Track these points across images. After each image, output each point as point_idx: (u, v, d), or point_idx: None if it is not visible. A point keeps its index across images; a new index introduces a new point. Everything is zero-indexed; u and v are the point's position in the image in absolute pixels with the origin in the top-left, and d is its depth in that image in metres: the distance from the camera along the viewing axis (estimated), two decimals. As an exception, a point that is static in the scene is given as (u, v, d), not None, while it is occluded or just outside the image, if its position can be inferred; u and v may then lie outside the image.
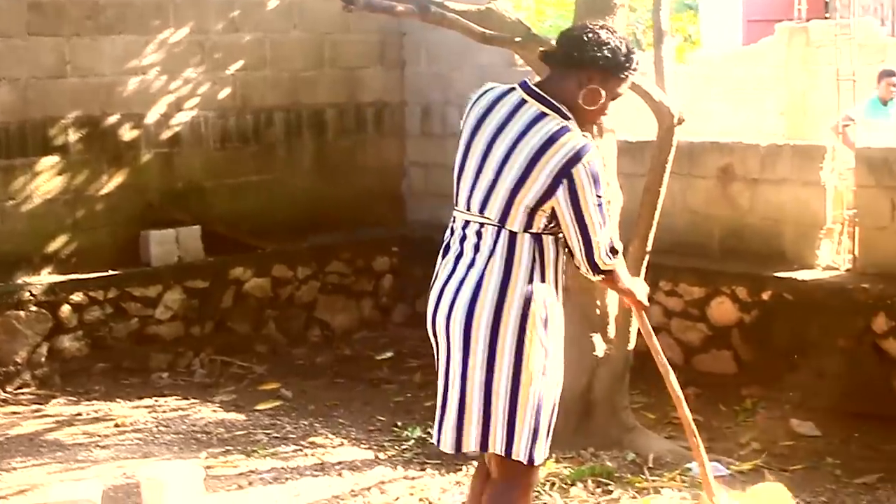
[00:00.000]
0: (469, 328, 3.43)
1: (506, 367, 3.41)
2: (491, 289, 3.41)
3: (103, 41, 7.88)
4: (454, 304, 3.47)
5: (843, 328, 6.37)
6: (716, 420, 6.43)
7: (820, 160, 6.77)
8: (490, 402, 3.44)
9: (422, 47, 9.13)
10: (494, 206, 3.42)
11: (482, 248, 3.46)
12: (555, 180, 3.32)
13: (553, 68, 3.53)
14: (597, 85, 3.44)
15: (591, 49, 3.43)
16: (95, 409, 6.86)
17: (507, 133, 3.42)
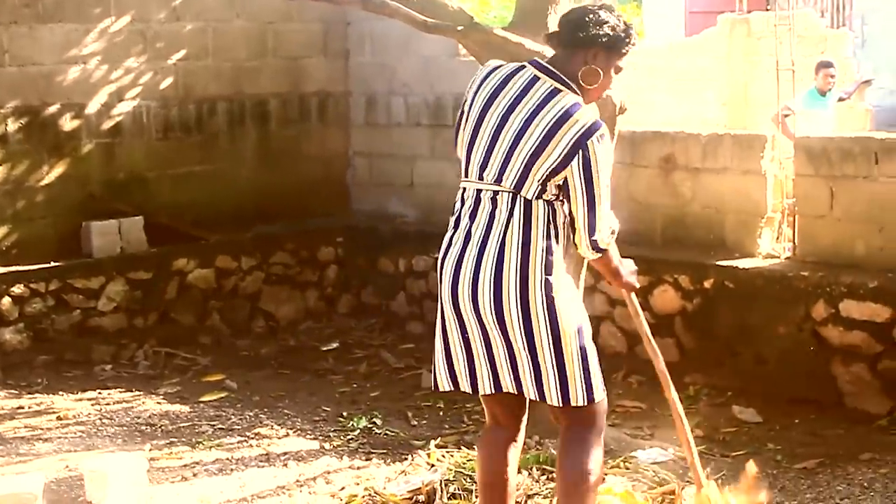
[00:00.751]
0: (500, 294, 3.60)
1: (543, 325, 3.59)
2: (514, 252, 3.60)
3: (42, 30, 7.79)
4: (479, 271, 3.63)
5: (784, 315, 6.45)
6: (659, 408, 6.45)
7: (760, 149, 6.84)
8: (537, 360, 3.62)
9: (366, 37, 9.11)
10: (511, 175, 3.61)
11: (498, 214, 3.64)
12: (570, 151, 3.54)
13: (558, 49, 3.74)
14: (601, 62, 3.67)
15: (594, 28, 3.66)
16: (38, 402, 6.79)
17: (522, 107, 3.61)
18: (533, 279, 3.59)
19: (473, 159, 3.70)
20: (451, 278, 3.69)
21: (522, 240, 3.60)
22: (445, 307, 3.74)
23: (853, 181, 6.44)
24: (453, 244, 3.72)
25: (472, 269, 3.64)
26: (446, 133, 8.54)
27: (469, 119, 3.73)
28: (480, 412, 6.32)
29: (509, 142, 3.60)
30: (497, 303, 3.61)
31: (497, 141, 3.63)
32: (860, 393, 6.18)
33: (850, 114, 12.08)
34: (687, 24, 18.49)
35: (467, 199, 3.72)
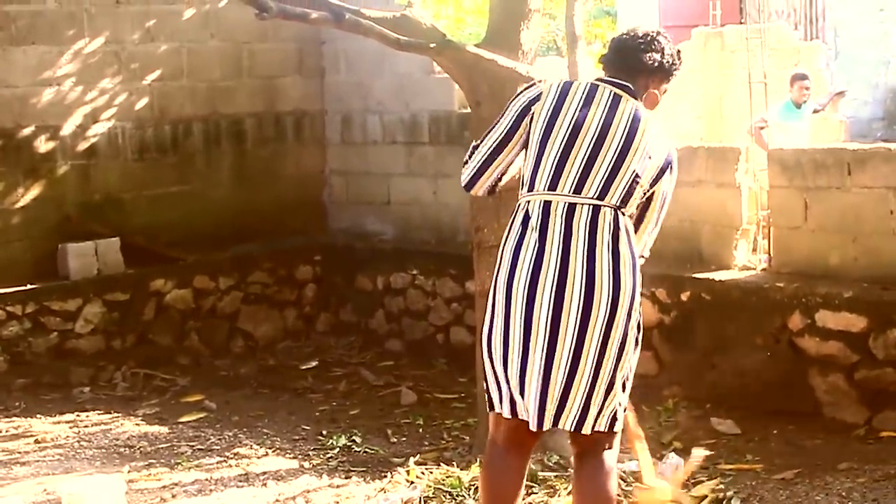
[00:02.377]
0: (589, 308, 3.55)
1: (617, 339, 3.58)
2: (628, 272, 3.61)
3: (15, 52, 7.78)
4: (592, 290, 3.55)
5: (761, 327, 6.48)
6: (638, 420, 6.47)
7: (735, 162, 6.88)
8: (596, 380, 3.58)
9: (341, 56, 9.13)
10: (616, 192, 3.63)
11: (601, 231, 3.61)
12: (664, 167, 3.71)
13: (616, 72, 3.80)
14: (656, 86, 3.82)
15: (657, 54, 3.79)
16: (15, 425, 6.74)
17: (617, 126, 3.67)
18: (624, 294, 3.59)
19: (566, 173, 3.64)
20: (554, 294, 3.57)
21: (632, 258, 3.65)
22: (513, 324, 3.61)
23: (827, 192, 6.48)
24: (546, 259, 3.59)
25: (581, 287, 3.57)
26: (422, 150, 8.57)
27: (554, 134, 3.68)
28: (460, 429, 6.36)
29: (612, 160, 3.63)
30: (610, 320, 3.56)
31: (597, 158, 3.63)
32: (838, 403, 6.21)
33: (824, 125, 12.15)
34: (661, 38, 18.58)
35: (555, 213, 3.62)
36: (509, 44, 5.45)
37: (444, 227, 8.39)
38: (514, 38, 5.50)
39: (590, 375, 3.56)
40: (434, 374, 7.79)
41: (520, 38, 5.51)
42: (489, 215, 5.63)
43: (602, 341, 3.56)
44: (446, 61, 5.62)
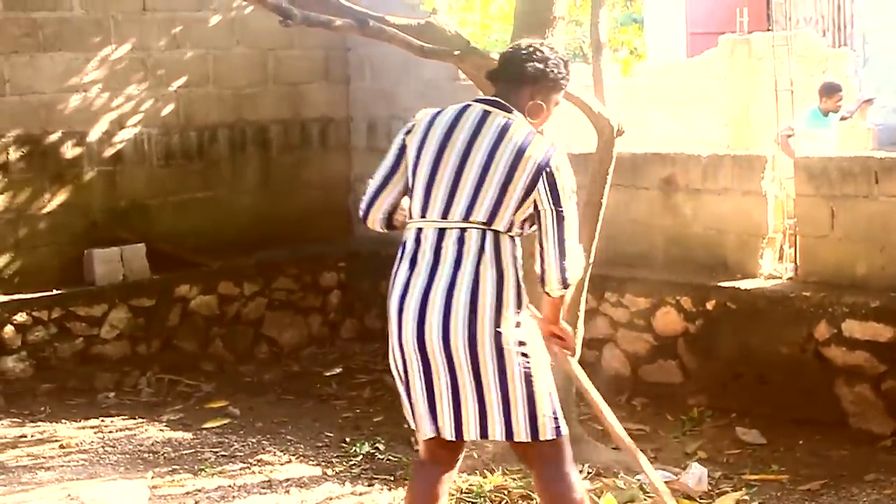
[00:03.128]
0: (474, 331, 3.59)
1: (516, 362, 3.61)
2: (488, 289, 3.59)
3: (42, 59, 7.82)
4: (450, 311, 3.60)
5: (786, 336, 6.44)
6: (663, 430, 6.47)
7: (761, 170, 6.84)
8: (508, 397, 3.63)
9: (366, 62, 9.14)
10: (481, 209, 3.61)
11: (467, 251, 3.62)
12: (537, 173, 3.59)
13: (500, 85, 3.80)
14: (542, 98, 3.75)
15: (539, 64, 3.74)
16: (40, 430, 6.78)
17: (481, 141, 3.66)
18: (507, 315, 3.61)
19: (435, 198, 3.68)
20: (416, 320, 3.64)
21: (497, 276, 3.61)
22: (406, 350, 3.69)
23: (854, 201, 6.44)
24: (412, 286, 3.67)
25: (441, 309, 3.61)
26: (447, 157, 8.55)
27: (420, 162, 3.73)
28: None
29: (475, 177, 3.63)
30: (472, 340, 3.59)
31: (460, 179, 3.64)
32: (864, 413, 6.16)
33: (852, 133, 12.09)
34: (688, 45, 18.54)
35: (425, 239, 3.69)
36: (534, 51, 5.43)
37: (468, 234, 8.37)
38: (538, 45, 5.49)
39: (497, 388, 3.62)
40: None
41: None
42: (513, 223, 5.62)
43: (497, 357, 3.60)
44: (470, 68, 5.60)
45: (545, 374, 3.69)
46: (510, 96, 3.74)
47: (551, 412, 3.68)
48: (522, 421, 3.65)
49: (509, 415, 3.64)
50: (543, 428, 3.67)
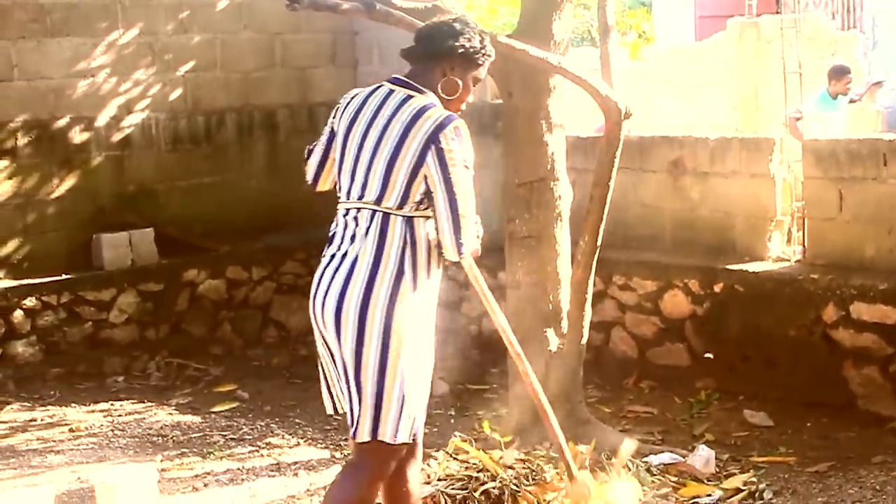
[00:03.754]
0: (340, 312, 3.55)
1: (373, 351, 3.51)
2: (363, 270, 3.55)
3: (50, 44, 7.83)
4: (329, 290, 3.59)
5: (794, 319, 6.43)
6: (670, 412, 6.48)
7: (769, 153, 6.82)
8: (361, 389, 3.54)
9: (374, 46, 9.13)
10: (373, 186, 3.58)
11: (358, 233, 3.61)
12: (425, 146, 3.51)
13: (415, 63, 3.76)
14: (458, 73, 3.69)
15: (450, 40, 3.69)
16: (50, 414, 6.81)
17: (378, 120, 3.64)
18: (374, 302, 3.52)
19: (343, 179, 3.70)
20: (313, 298, 3.66)
21: (373, 259, 3.55)
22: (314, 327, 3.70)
23: (862, 183, 6.42)
24: (324, 266, 3.68)
25: (325, 288, 3.61)
26: (455, 141, 8.54)
27: (336, 144, 3.75)
28: (492, 419, 6.35)
29: (369, 155, 3.60)
30: (338, 323, 3.55)
31: (359, 158, 3.63)
32: (872, 395, 6.15)
33: (861, 116, 12.05)
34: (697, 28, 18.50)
35: (339, 221, 3.71)
36: (542, 34, 5.44)
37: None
38: (546, 28, 5.50)
39: (353, 377, 3.56)
40: (466, 364, 7.78)
41: (552, 28, 5.51)
42: (521, 206, 5.64)
43: (355, 349, 3.53)
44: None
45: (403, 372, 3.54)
46: (420, 74, 3.70)
47: (396, 414, 3.54)
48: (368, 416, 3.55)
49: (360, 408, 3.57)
50: (384, 428, 3.55)
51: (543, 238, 5.63)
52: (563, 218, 5.68)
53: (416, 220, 3.60)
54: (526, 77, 5.54)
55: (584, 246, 5.41)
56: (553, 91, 5.60)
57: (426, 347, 3.65)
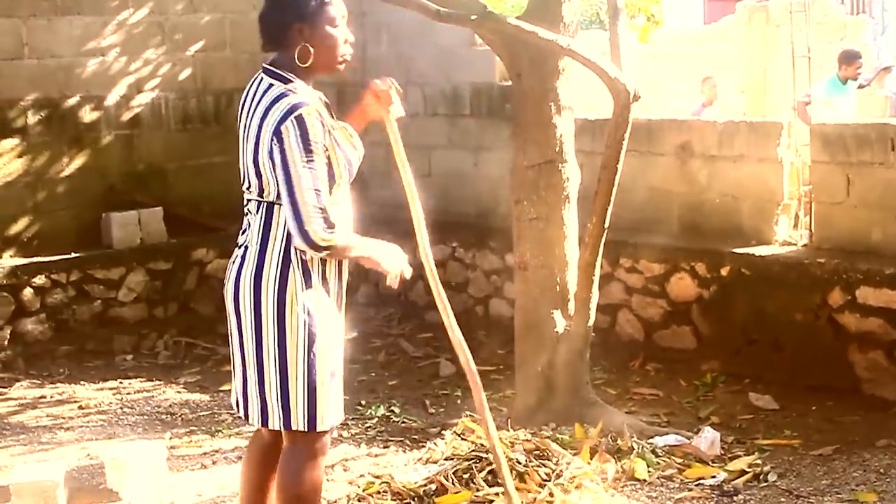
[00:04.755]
0: (237, 303, 3.57)
1: (272, 340, 3.51)
2: (251, 260, 3.56)
3: (60, 22, 7.84)
4: (227, 281, 3.63)
5: (800, 302, 6.45)
6: (676, 395, 6.50)
7: (776, 137, 6.83)
8: (263, 378, 3.55)
9: (382, 28, 9.12)
10: (249, 178, 3.58)
11: (252, 223, 3.62)
12: (271, 140, 3.44)
13: (272, 50, 3.65)
14: (308, 34, 3.55)
15: (280, 11, 3.58)
16: (59, 391, 6.86)
17: (249, 112, 3.57)
18: (265, 292, 3.51)
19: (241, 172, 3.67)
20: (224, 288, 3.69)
21: (259, 248, 3.54)
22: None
23: (869, 168, 6.43)
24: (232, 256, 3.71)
25: (226, 278, 3.64)
26: (464, 123, 8.57)
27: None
28: (498, 400, 6.39)
29: (243, 147, 3.58)
30: (237, 313, 3.57)
31: (243, 151, 3.59)
32: (877, 380, 6.18)
33: (870, 101, 12.05)
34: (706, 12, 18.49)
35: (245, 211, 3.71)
36: (551, 16, 5.45)
37: (484, 199, 8.40)
38: (555, 10, 5.50)
39: (255, 369, 3.56)
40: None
41: (561, 10, 5.51)
42: (529, 188, 5.65)
43: (255, 338, 3.53)
44: (487, 33, 5.63)
45: (306, 358, 3.51)
46: (279, 58, 3.60)
47: (304, 402, 3.52)
48: (276, 406, 3.55)
49: (265, 398, 3.57)
50: (295, 417, 3.53)
51: (551, 220, 5.64)
52: (571, 200, 5.69)
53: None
54: (535, 59, 5.55)
55: (591, 228, 5.42)
56: (562, 73, 5.61)
57: (329, 336, 3.58)
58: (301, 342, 3.51)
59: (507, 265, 7.73)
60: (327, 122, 3.55)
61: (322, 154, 3.46)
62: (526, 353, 5.76)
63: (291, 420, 3.55)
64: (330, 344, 3.58)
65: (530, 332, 5.74)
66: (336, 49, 3.64)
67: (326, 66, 3.64)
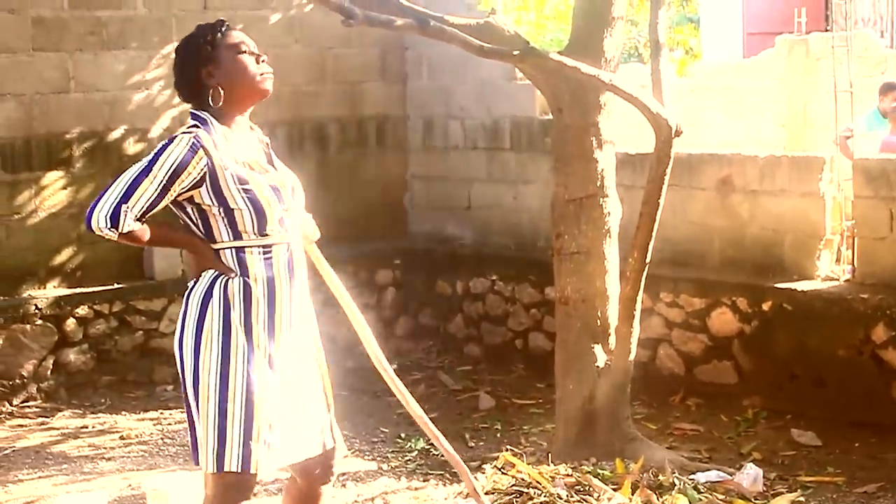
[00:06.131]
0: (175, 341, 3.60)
1: (188, 374, 3.53)
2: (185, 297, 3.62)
3: (106, 56, 7.94)
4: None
5: (843, 338, 6.40)
6: (717, 430, 6.46)
7: (819, 171, 6.81)
8: (190, 417, 3.57)
9: (423, 61, 9.18)
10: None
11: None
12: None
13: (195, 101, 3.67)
14: (214, 77, 3.59)
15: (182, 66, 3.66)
16: (101, 421, 6.90)
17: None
18: (185, 326, 3.54)
19: None
20: None
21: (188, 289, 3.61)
22: None
23: (913, 203, 6.40)
24: None
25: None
26: (503, 156, 8.59)
27: None
28: (538, 434, 6.38)
29: None
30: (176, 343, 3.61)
31: None
32: (921, 416, 6.12)
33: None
34: (745, 45, 18.44)
35: None
36: (592, 51, 5.47)
37: (523, 232, 8.41)
38: (597, 45, 5.53)
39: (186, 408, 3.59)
40: (512, 379, 7.81)
41: (603, 45, 5.54)
42: (570, 222, 5.66)
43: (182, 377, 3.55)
44: (529, 68, 5.65)
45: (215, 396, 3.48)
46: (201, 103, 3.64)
47: (214, 443, 3.47)
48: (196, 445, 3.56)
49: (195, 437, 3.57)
50: (204, 458, 3.51)
51: (592, 254, 5.65)
52: (612, 234, 5.70)
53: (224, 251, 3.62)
54: (576, 94, 5.57)
55: (633, 263, 5.42)
56: (603, 108, 5.63)
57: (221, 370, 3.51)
58: (213, 375, 3.49)
59: (547, 298, 7.72)
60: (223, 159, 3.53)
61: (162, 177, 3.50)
62: (566, 388, 5.74)
63: (201, 461, 3.55)
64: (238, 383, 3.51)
65: (571, 366, 5.73)
66: (247, 72, 3.64)
67: (247, 93, 3.66)
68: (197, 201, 3.54)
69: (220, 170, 3.51)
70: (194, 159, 3.49)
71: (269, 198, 3.60)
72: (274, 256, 3.63)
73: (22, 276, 7.57)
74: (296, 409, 3.66)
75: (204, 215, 3.56)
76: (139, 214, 3.50)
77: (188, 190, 3.51)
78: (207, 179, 3.50)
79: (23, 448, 6.37)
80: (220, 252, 3.58)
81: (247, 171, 3.58)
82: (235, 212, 3.54)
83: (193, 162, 3.49)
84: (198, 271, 3.61)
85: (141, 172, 3.50)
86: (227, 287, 3.54)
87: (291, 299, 3.71)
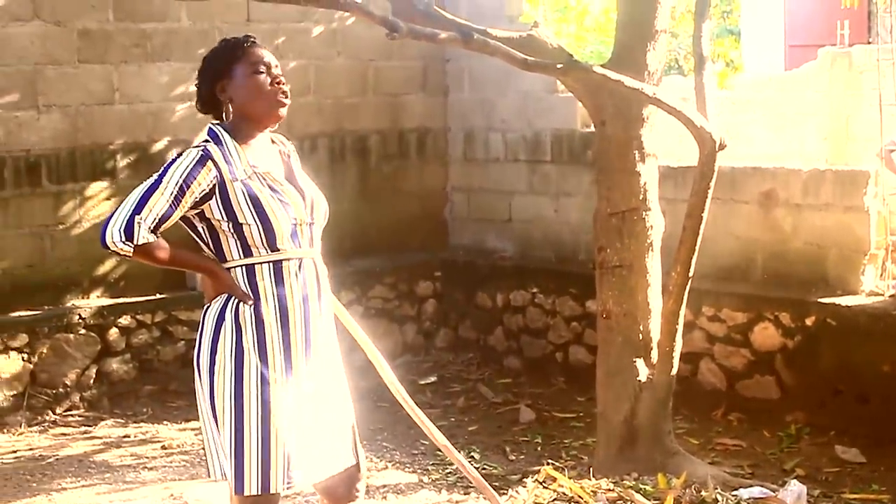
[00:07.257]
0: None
1: (205, 394, 3.53)
2: (201, 318, 3.64)
3: (150, 68, 8.00)
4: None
5: (888, 354, 6.34)
6: (759, 446, 6.42)
7: (863, 185, 6.75)
8: (205, 433, 3.58)
9: (465, 74, 9.20)
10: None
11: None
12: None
13: (214, 114, 3.74)
14: (229, 92, 3.64)
15: (203, 77, 3.74)
16: (143, 431, 6.94)
17: None
18: (201, 349, 3.57)
19: None
20: None
21: (206, 306, 3.61)
22: None
23: (960, 218, 6.33)
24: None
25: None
26: (545, 168, 8.59)
27: None
28: (578, 448, 6.36)
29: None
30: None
31: None
32: (968, 434, 6.05)
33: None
34: (787, 57, 18.33)
35: None
36: (635, 64, 5.45)
37: (564, 245, 8.40)
38: (640, 58, 5.51)
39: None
40: (552, 392, 7.79)
41: (646, 58, 5.52)
42: (612, 236, 5.64)
43: (200, 385, 3.57)
44: (571, 81, 5.64)
45: (231, 418, 3.46)
46: (219, 116, 3.70)
47: (231, 465, 3.45)
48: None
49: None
50: (232, 476, 3.48)
51: (635, 268, 5.62)
52: (655, 248, 5.67)
53: (235, 269, 3.58)
54: (619, 107, 5.55)
55: (675, 277, 5.39)
56: (646, 121, 5.61)
57: (235, 393, 3.49)
58: (228, 398, 3.48)
59: (587, 311, 7.70)
60: (233, 172, 3.52)
61: (173, 188, 3.48)
62: (608, 402, 5.72)
63: (213, 472, 3.56)
64: (259, 401, 3.49)
65: (612, 380, 5.71)
66: (258, 93, 3.66)
67: (256, 114, 3.68)
68: (207, 216, 3.53)
69: (229, 183, 3.50)
70: (203, 171, 3.49)
71: (278, 211, 3.56)
72: (285, 271, 3.59)
73: (66, 286, 7.64)
74: (317, 427, 3.62)
75: (215, 233, 3.56)
76: (153, 226, 3.48)
77: (199, 203, 3.51)
78: (217, 192, 3.50)
79: (66, 457, 6.41)
80: (231, 271, 3.56)
81: (257, 185, 3.55)
82: (244, 227, 3.52)
83: (203, 173, 3.49)
84: (214, 295, 3.59)
85: (151, 186, 3.50)
86: (239, 310, 3.52)
87: (307, 314, 3.63)
